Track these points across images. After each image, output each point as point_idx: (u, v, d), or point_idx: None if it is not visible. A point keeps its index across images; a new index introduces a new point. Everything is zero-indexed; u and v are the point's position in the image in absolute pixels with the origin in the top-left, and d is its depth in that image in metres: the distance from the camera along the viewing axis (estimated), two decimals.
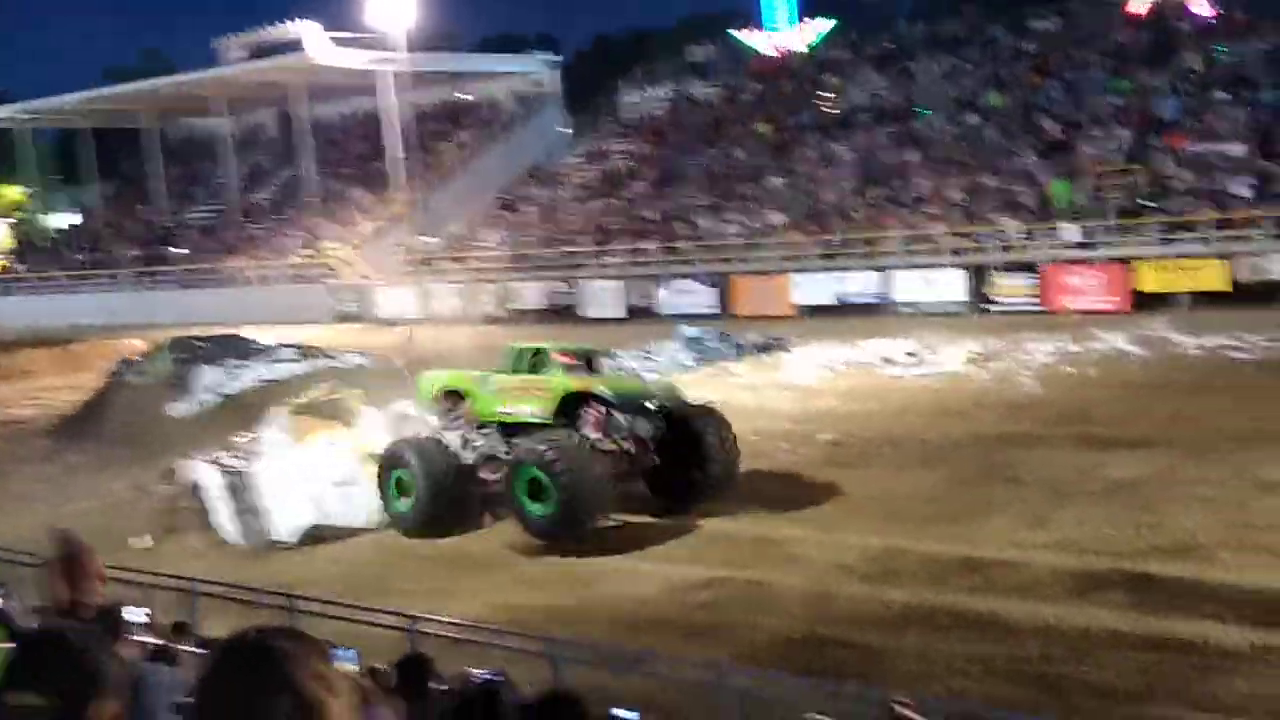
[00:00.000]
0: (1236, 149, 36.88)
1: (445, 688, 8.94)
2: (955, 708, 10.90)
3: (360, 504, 20.62)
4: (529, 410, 19.78)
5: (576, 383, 19.71)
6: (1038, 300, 35.97)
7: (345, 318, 51.56)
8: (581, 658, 12.70)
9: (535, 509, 18.38)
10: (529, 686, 9.12)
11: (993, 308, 36.43)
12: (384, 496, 20.41)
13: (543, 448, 18.38)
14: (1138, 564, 14.96)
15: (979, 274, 37.16)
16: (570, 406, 19.43)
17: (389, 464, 20.32)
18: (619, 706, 7.57)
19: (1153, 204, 36.35)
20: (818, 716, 6.80)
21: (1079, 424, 22.15)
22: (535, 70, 65.30)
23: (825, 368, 30.28)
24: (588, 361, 20.77)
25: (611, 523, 18.92)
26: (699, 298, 42.41)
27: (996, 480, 19.19)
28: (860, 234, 41.49)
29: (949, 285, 37.56)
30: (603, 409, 19.27)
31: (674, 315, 39.71)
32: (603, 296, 45.03)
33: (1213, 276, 33.34)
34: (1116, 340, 29.65)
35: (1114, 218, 36.84)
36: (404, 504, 20.06)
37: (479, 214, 55.45)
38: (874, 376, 29.03)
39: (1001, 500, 18.17)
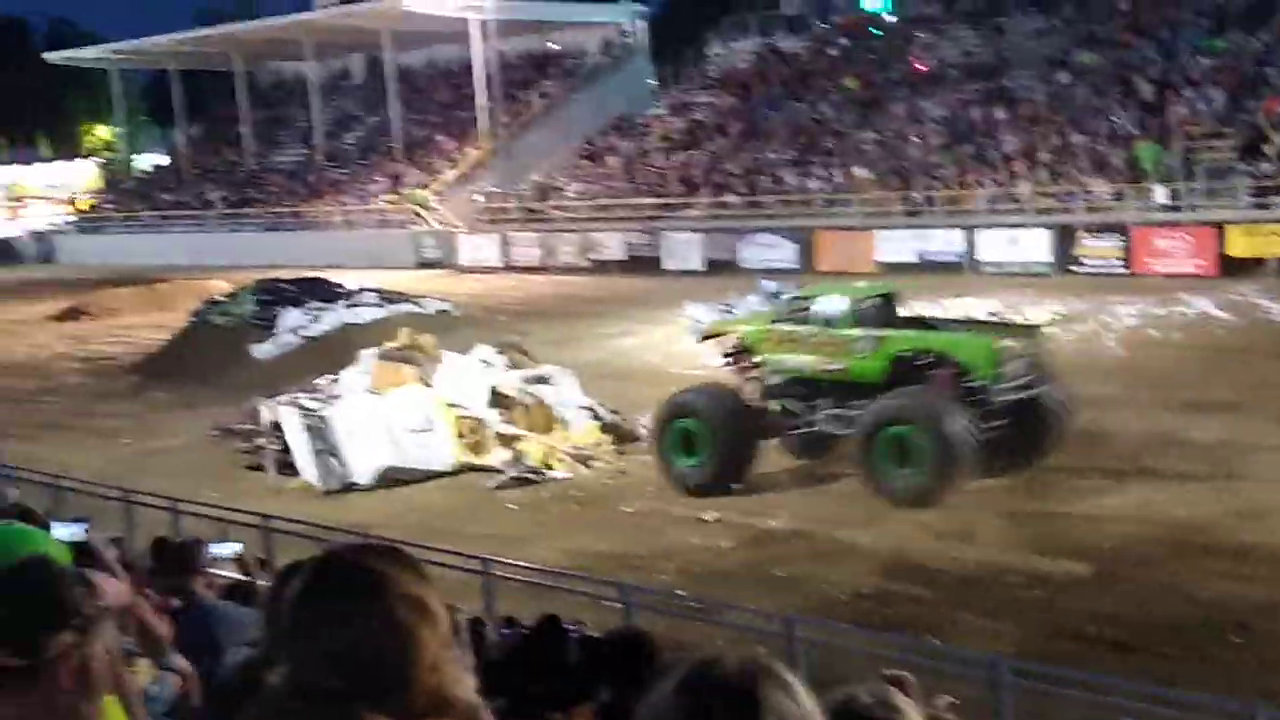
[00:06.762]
0: None
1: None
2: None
3: (436, 449, 20.52)
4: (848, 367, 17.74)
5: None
6: (1124, 263, 35.46)
7: (428, 264, 51.89)
8: (655, 604, 12.65)
9: (899, 473, 16.66)
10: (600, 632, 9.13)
11: (1078, 269, 36.00)
12: (662, 454, 18.64)
13: (912, 402, 16.80)
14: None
15: (1064, 234, 36.68)
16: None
17: (673, 415, 18.60)
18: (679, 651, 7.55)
19: (1244, 167, 35.65)
20: (895, 672, 6.74)
21: (1163, 388, 21.83)
22: (624, 20, 64.79)
23: None
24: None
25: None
26: (780, 252, 42.16)
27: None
28: (946, 192, 41.14)
29: (1034, 245, 37.12)
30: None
31: (754, 270, 39.50)
32: (684, 249, 44.90)
33: None
34: (1203, 305, 29.20)
35: (1204, 180, 36.19)
36: (691, 460, 18.32)
37: (562, 163, 55.43)
38: None
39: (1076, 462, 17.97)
